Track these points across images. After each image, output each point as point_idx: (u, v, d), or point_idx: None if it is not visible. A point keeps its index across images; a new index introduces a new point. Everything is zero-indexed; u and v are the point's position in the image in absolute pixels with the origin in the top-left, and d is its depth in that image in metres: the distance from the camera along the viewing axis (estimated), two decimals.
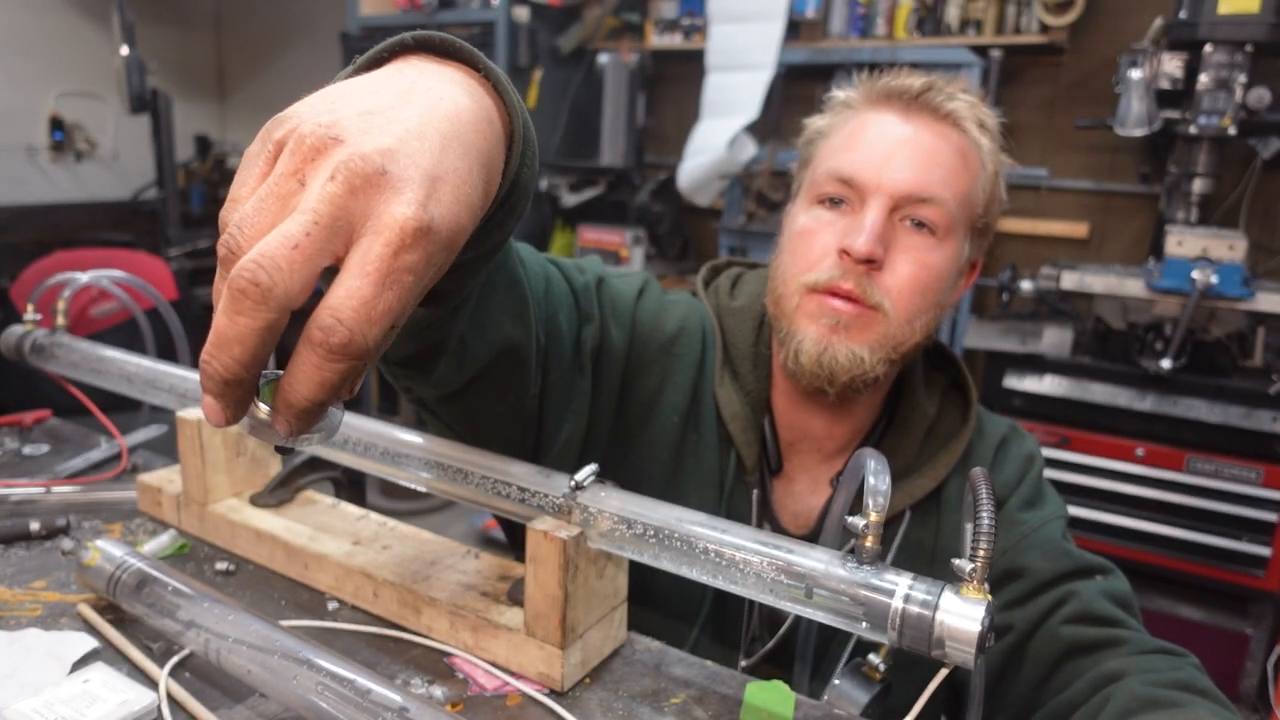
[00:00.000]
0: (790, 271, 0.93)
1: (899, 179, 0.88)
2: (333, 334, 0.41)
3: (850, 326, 0.89)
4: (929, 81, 0.92)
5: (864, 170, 0.89)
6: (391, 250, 0.42)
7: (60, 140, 4.16)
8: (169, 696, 0.74)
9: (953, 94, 0.92)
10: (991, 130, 0.94)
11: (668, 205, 3.44)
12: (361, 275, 0.42)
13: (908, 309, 0.89)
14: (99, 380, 1.15)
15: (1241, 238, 2.36)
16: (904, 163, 0.89)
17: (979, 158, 0.93)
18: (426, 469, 0.87)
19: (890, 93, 0.92)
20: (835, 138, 0.95)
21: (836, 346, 0.89)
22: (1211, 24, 2.35)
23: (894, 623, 0.63)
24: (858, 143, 0.92)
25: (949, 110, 0.91)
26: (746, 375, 1.00)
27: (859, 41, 3.05)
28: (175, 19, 4.72)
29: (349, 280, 0.42)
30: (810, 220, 0.93)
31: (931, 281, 0.90)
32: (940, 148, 0.90)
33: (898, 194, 0.88)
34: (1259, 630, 2.38)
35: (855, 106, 0.96)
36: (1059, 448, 2.52)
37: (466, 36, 3.66)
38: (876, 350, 0.89)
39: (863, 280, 0.88)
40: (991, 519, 0.62)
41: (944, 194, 0.89)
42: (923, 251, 0.90)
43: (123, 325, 2.41)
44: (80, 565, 0.84)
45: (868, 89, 0.95)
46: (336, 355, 0.42)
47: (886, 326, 0.89)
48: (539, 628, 0.76)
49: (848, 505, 0.72)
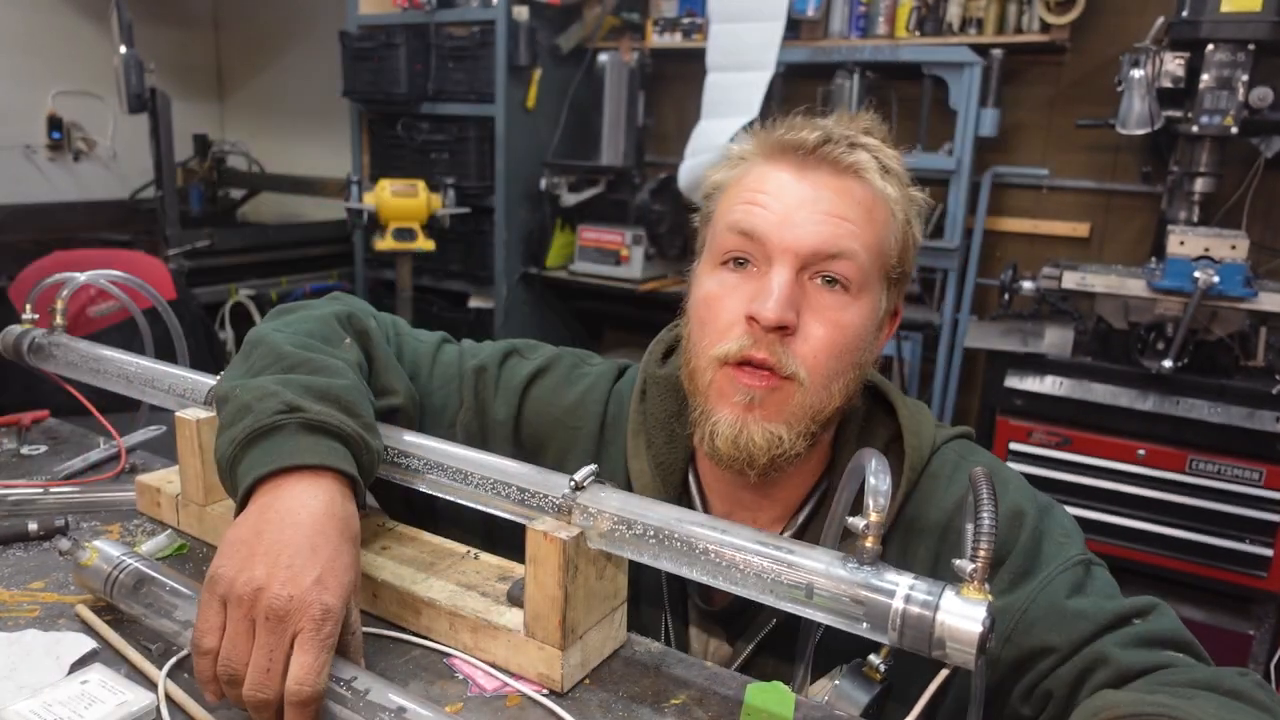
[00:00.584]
0: (700, 344, 0.88)
1: (801, 238, 0.83)
2: (301, 694, 0.66)
3: (765, 402, 0.84)
4: (825, 133, 0.86)
5: (762, 227, 0.85)
6: (315, 628, 0.67)
7: (58, 139, 4.15)
8: (167, 697, 0.73)
9: (854, 140, 0.87)
10: (898, 174, 0.89)
11: (668, 205, 3.43)
12: (302, 653, 0.67)
13: (824, 374, 0.84)
14: (97, 380, 1.15)
15: (1244, 237, 2.35)
16: (805, 220, 0.84)
17: (886, 209, 0.87)
18: (426, 469, 0.87)
19: (785, 146, 0.87)
20: (732, 193, 0.90)
21: (752, 427, 0.84)
22: (1213, 23, 2.35)
23: (894, 623, 0.63)
24: (755, 198, 0.86)
25: (849, 163, 0.86)
26: (661, 446, 0.96)
27: (859, 41, 3.05)
28: (174, 18, 4.72)
29: (298, 658, 0.67)
30: (715, 285, 0.88)
31: (848, 342, 0.85)
32: (841, 205, 0.85)
33: (803, 253, 0.83)
34: (1261, 631, 2.37)
35: (749, 160, 0.91)
36: (1060, 448, 2.51)
37: (466, 36, 3.63)
38: (795, 425, 0.85)
39: (775, 347, 0.83)
40: (992, 519, 0.62)
41: (853, 245, 0.84)
42: (836, 311, 0.85)
43: (121, 325, 2.40)
44: (78, 565, 0.84)
45: (762, 141, 0.90)
46: (309, 704, 0.67)
47: (803, 396, 0.84)
48: (539, 628, 0.76)
49: (848, 506, 0.72)
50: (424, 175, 3.43)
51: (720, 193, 0.92)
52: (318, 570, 0.70)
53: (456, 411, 1.04)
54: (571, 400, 1.03)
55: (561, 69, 3.53)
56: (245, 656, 0.67)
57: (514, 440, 1.03)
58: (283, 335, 0.92)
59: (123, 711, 0.70)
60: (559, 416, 1.02)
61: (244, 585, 0.68)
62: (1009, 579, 0.82)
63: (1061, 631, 0.78)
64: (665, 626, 0.96)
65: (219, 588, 0.69)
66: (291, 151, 4.77)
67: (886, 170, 0.88)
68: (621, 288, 3.44)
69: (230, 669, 0.67)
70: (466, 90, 3.45)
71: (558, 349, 1.10)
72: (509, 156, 3.45)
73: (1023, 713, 0.80)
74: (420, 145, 3.59)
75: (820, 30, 3.11)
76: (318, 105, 4.51)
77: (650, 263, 3.46)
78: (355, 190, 3.30)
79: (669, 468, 0.96)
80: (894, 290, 0.91)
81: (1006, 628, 0.80)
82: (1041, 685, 0.78)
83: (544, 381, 1.04)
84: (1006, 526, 0.84)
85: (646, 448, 0.97)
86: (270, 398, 0.81)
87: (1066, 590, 0.80)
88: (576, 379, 1.05)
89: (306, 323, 0.96)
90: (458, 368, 1.05)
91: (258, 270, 3.94)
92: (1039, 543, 0.84)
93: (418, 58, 3.45)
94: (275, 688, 0.66)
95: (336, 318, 0.99)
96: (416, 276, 3.55)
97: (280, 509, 0.74)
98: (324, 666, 0.67)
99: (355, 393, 0.86)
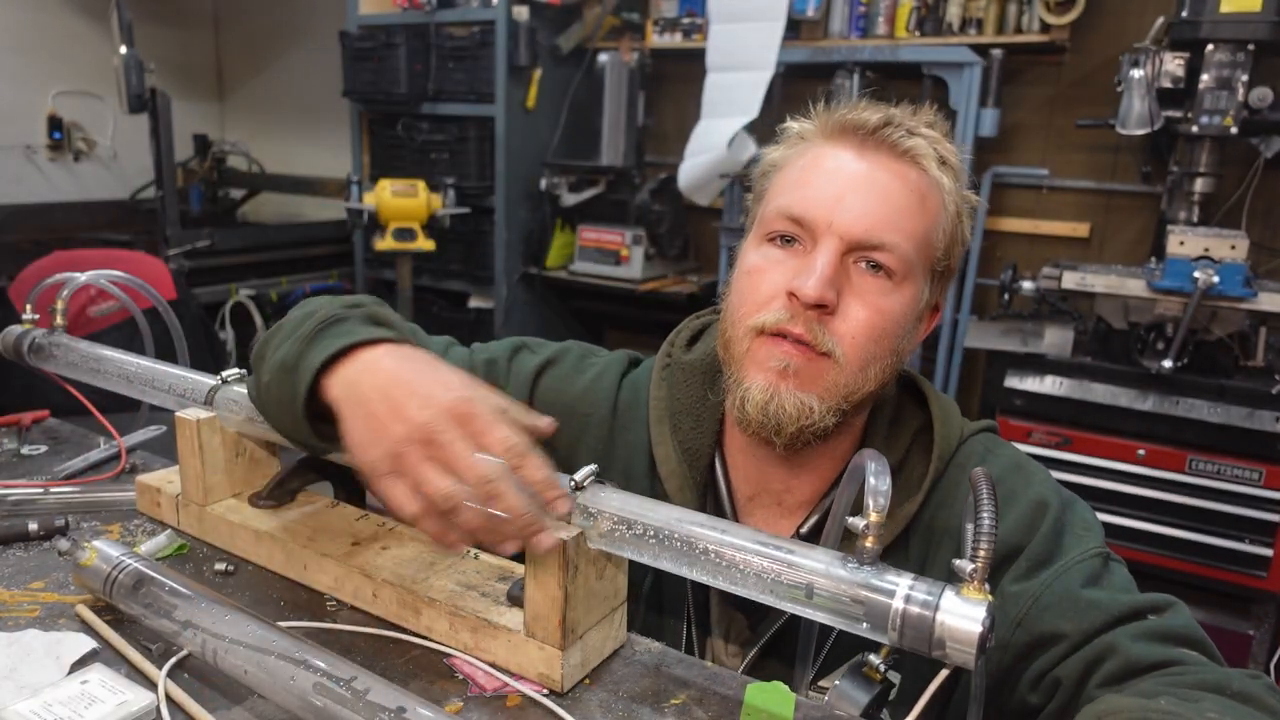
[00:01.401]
0: (738, 313, 0.89)
1: (851, 220, 0.84)
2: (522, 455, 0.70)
3: (799, 373, 0.84)
4: (887, 115, 0.87)
5: (815, 209, 0.85)
6: (474, 412, 0.70)
7: (59, 139, 4.15)
8: (167, 697, 0.73)
9: (914, 129, 0.87)
10: (955, 168, 0.89)
11: (668, 205, 3.44)
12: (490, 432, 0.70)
13: (861, 356, 0.85)
14: (98, 380, 1.15)
15: (1243, 237, 2.35)
16: (857, 203, 0.84)
17: (939, 198, 0.88)
18: None
19: (846, 126, 0.87)
20: (788, 172, 0.90)
21: (784, 395, 0.84)
22: (1213, 23, 2.35)
23: (894, 623, 0.63)
24: (810, 179, 0.87)
25: (908, 147, 0.86)
26: (688, 431, 0.97)
27: (859, 41, 3.05)
28: (174, 18, 4.72)
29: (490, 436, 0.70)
30: (760, 259, 0.89)
31: (887, 327, 0.85)
32: (896, 188, 0.85)
33: (850, 237, 0.84)
34: (1261, 631, 2.37)
35: (810, 139, 0.91)
36: (1060, 448, 2.51)
37: (466, 36, 3.63)
38: (826, 399, 0.85)
39: (813, 325, 0.83)
40: (993, 519, 0.62)
41: (898, 238, 0.84)
42: (878, 295, 0.85)
43: (121, 325, 2.40)
44: (77, 565, 0.84)
45: (824, 121, 0.90)
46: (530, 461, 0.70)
47: (838, 375, 0.84)
48: (539, 628, 0.76)
49: (848, 506, 0.72)
50: (424, 175, 3.43)
51: (776, 171, 0.93)
52: (429, 383, 0.72)
53: None
54: (581, 388, 1.03)
55: (561, 69, 3.53)
56: (450, 485, 0.68)
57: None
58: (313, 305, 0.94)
59: (123, 711, 0.70)
60: (569, 404, 1.02)
61: (400, 443, 0.69)
62: (1026, 566, 0.83)
63: (1074, 619, 0.78)
64: (688, 604, 0.96)
65: (382, 466, 0.70)
66: (291, 151, 4.77)
67: (944, 161, 0.88)
68: (621, 288, 3.44)
69: (451, 502, 0.68)
70: (466, 90, 3.45)
71: (566, 342, 1.11)
72: (509, 156, 3.45)
73: (1031, 700, 0.80)
74: (420, 145, 3.59)
75: (820, 30, 3.11)
76: (318, 105, 4.51)
77: (650, 263, 3.46)
78: (355, 190, 3.31)
79: (696, 453, 0.97)
80: (937, 284, 0.92)
81: (1019, 612, 0.81)
82: (1051, 673, 0.78)
83: (554, 371, 1.05)
84: (1029, 516, 0.85)
85: (672, 433, 0.98)
86: (329, 305, 0.86)
87: (1082, 580, 0.80)
88: (585, 368, 1.05)
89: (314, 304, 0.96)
90: (468, 363, 1.06)
91: (258, 270, 3.94)
92: (1060, 534, 0.85)
93: (418, 58, 3.46)
94: (500, 475, 0.67)
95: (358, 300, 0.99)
96: (416, 276, 3.56)
97: (362, 370, 0.76)
98: (513, 430, 0.70)
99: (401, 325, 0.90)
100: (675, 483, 0.96)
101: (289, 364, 0.80)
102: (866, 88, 3.01)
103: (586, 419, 1.02)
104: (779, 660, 0.92)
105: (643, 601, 0.98)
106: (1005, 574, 0.84)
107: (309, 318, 0.84)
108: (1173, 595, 0.81)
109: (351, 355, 0.78)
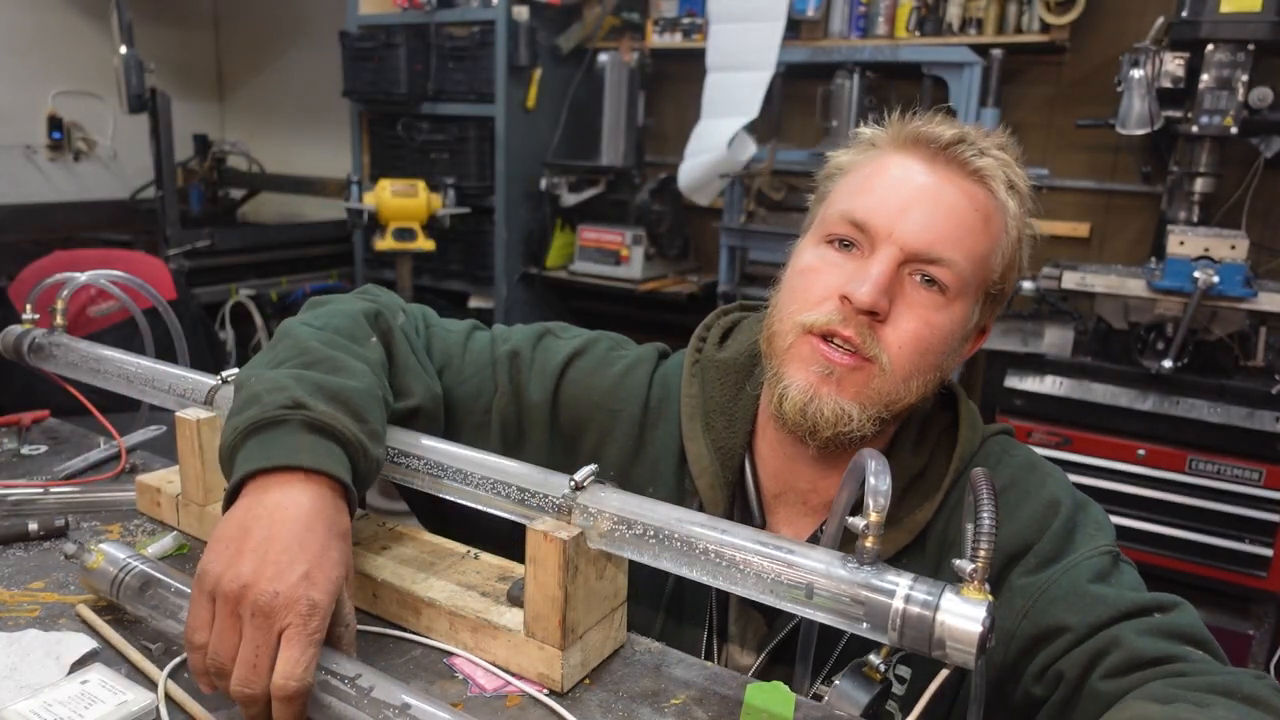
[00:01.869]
0: (788, 309, 0.88)
1: (913, 232, 0.84)
2: (287, 689, 0.66)
3: (842, 379, 0.84)
4: (961, 132, 0.86)
5: (877, 216, 0.85)
6: (301, 624, 0.67)
7: (59, 139, 4.15)
8: (168, 697, 0.73)
9: (985, 149, 0.87)
10: (1022, 193, 0.89)
11: (668, 205, 3.44)
12: (288, 648, 0.67)
13: (906, 366, 0.85)
14: (97, 380, 1.15)
15: (1243, 237, 2.35)
16: (921, 215, 0.84)
17: (1002, 220, 0.88)
18: (426, 469, 0.87)
19: (919, 138, 0.87)
20: (854, 176, 0.90)
21: (824, 398, 0.84)
22: (1213, 23, 2.34)
23: (894, 623, 0.63)
24: (875, 186, 0.87)
25: (978, 166, 0.86)
26: (721, 429, 0.97)
27: (860, 41, 3.05)
28: (174, 18, 4.71)
29: (284, 653, 0.67)
30: (816, 259, 0.89)
31: (935, 341, 0.85)
32: (962, 205, 0.85)
33: (909, 249, 0.84)
34: (1261, 631, 2.37)
35: (880, 146, 0.91)
36: (1060, 448, 2.51)
37: (466, 36, 3.62)
38: (867, 407, 0.85)
39: (863, 329, 0.83)
40: (993, 519, 0.62)
41: (957, 255, 0.84)
42: (929, 309, 0.85)
43: (121, 325, 2.40)
44: (84, 568, 0.84)
45: (896, 130, 0.90)
46: (295, 698, 0.66)
47: (881, 382, 0.84)
48: (539, 628, 0.76)
49: (849, 506, 0.72)
50: (424, 175, 3.43)
51: (841, 175, 0.92)
52: (305, 566, 0.69)
53: (491, 397, 1.02)
54: (610, 382, 1.02)
55: (561, 69, 3.53)
56: (232, 652, 0.67)
57: (551, 423, 1.02)
58: (309, 330, 0.92)
59: (123, 711, 0.70)
60: (598, 400, 1.01)
61: (230, 582, 0.68)
62: (1035, 561, 0.84)
63: (1079, 612, 0.78)
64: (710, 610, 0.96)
65: (207, 584, 0.69)
66: (291, 151, 4.77)
67: (1012, 185, 0.88)
68: (621, 288, 3.44)
69: (218, 663, 0.68)
70: (466, 90, 3.45)
71: (594, 331, 1.09)
72: (509, 156, 3.45)
73: (1034, 693, 0.80)
74: (420, 145, 3.59)
75: (820, 30, 3.11)
76: (318, 105, 4.51)
77: (650, 263, 3.46)
78: (355, 190, 3.31)
79: (729, 451, 0.96)
80: (989, 306, 0.91)
81: (1026, 604, 0.81)
82: (1054, 666, 0.78)
83: (581, 363, 1.03)
84: (1041, 514, 0.86)
85: (705, 431, 0.97)
86: (279, 391, 0.80)
87: (1090, 575, 0.81)
88: (614, 360, 1.04)
89: (335, 318, 0.95)
90: (490, 354, 1.04)
91: (258, 270, 3.94)
92: (1071, 531, 0.86)
93: (418, 58, 3.46)
94: (261, 683, 0.66)
95: (365, 315, 0.98)
96: (416, 276, 3.55)
97: (269, 504, 0.73)
98: (310, 661, 0.67)
99: (367, 397, 0.85)
100: (707, 480, 0.95)
101: (224, 449, 0.80)
102: (866, 88, 3.01)
103: (616, 415, 1.01)
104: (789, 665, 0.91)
105: (663, 609, 0.97)
106: (1014, 569, 0.84)
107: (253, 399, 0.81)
108: (1177, 592, 0.82)
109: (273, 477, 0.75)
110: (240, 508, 0.74)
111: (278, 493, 0.74)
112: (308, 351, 0.87)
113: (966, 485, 0.88)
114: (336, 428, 0.80)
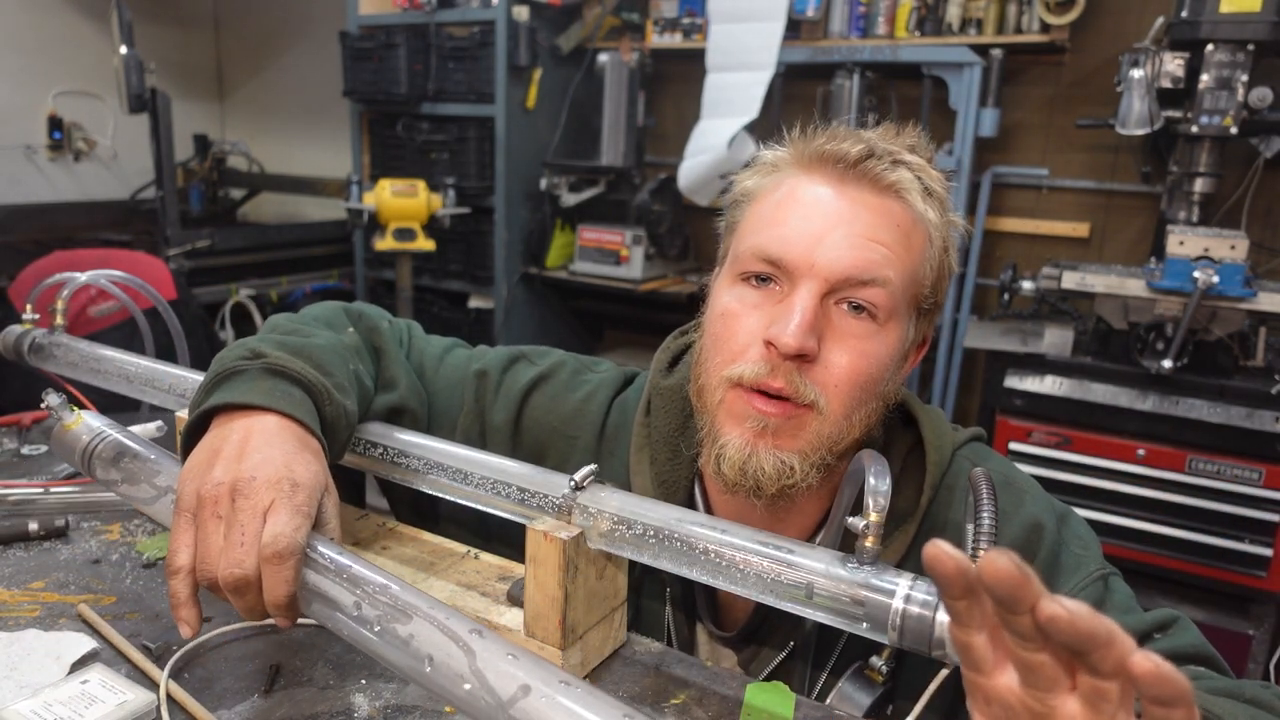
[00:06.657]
0: (713, 361, 0.83)
1: (833, 260, 0.78)
2: (276, 546, 0.64)
3: (779, 431, 0.79)
4: (869, 146, 0.80)
5: (794, 250, 0.79)
6: (286, 496, 0.67)
7: (59, 140, 4.15)
8: (168, 697, 0.73)
9: (898, 157, 0.81)
10: (941, 197, 0.84)
11: (668, 205, 3.43)
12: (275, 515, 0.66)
13: (845, 404, 0.79)
14: (98, 380, 1.15)
15: (1243, 237, 2.35)
16: (839, 241, 0.79)
17: (925, 233, 0.82)
18: (426, 469, 0.87)
19: (825, 157, 0.81)
20: (762, 205, 0.84)
21: (763, 455, 0.79)
22: (1213, 23, 2.34)
23: (894, 623, 0.63)
24: (786, 216, 0.81)
25: (890, 181, 0.80)
26: (664, 463, 0.92)
27: (859, 41, 3.05)
28: (174, 18, 4.71)
29: (271, 520, 0.65)
30: (734, 301, 0.83)
31: (872, 372, 0.80)
32: (880, 224, 0.80)
33: (832, 279, 0.78)
34: (1260, 631, 2.37)
35: (784, 169, 0.85)
36: (1060, 448, 2.51)
37: (466, 36, 3.62)
38: (809, 455, 0.80)
39: (793, 376, 0.78)
40: (993, 519, 0.62)
41: (886, 273, 0.79)
42: (862, 339, 0.80)
43: (121, 325, 2.40)
44: (61, 428, 0.84)
45: (800, 150, 0.84)
46: (286, 556, 0.64)
47: (820, 425, 0.79)
48: (539, 628, 0.76)
49: (848, 507, 0.72)
50: (424, 175, 3.43)
51: (749, 202, 0.87)
52: (282, 458, 0.70)
53: (458, 414, 1.03)
54: (570, 409, 1.00)
55: (561, 69, 3.53)
56: (218, 553, 0.65)
57: (512, 447, 1.02)
58: (284, 317, 0.96)
59: (123, 711, 0.70)
60: (556, 425, 1.00)
61: (209, 488, 0.67)
62: None
63: None
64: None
65: (185, 502, 0.68)
66: (291, 151, 4.77)
67: (929, 193, 0.83)
68: (621, 288, 3.44)
69: (206, 571, 0.65)
70: (466, 90, 3.45)
71: (566, 356, 1.07)
72: (509, 156, 3.45)
73: None
74: (420, 145, 3.59)
75: (820, 30, 3.11)
76: (318, 105, 4.51)
77: (650, 263, 3.46)
78: (355, 190, 3.31)
79: (672, 486, 0.92)
80: (924, 320, 0.87)
81: None
82: None
83: (544, 388, 1.02)
84: (1024, 540, 0.83)
85: (650, 464, 0.93)
86: (240, 347, 0.83)
87: None
88: (577, 386, 1.02)
89: (314, 310, 1.00)
90: (463, 371, 1.04)
91: (258, 270, 3.94)
92: (1057, 555, 0.83)
93: (418, 58, 3.46)
94: (251, 559, 0.64)
95: (347, 311, 1.02)
96: (416, 276, 3.56)
97: (236, 429, 0.74)
98: (299, 526, 0.65)
99: (331, 354, 0.87)
100: None
101: (190, 412, 0.80)
102: (866, 88, 3.01)
103: (573, 441, 0.99)
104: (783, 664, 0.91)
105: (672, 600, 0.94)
106: None
107: (215, 363, 0.84)
108: (1172, 601, 0.81)
109: (234, 414, 0.76)
110: (207, 438, 0.75)
111: (242, 421, 0.75)
112: (276, 328, 0.92)
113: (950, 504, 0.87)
114: (295, 370, 0.81)
